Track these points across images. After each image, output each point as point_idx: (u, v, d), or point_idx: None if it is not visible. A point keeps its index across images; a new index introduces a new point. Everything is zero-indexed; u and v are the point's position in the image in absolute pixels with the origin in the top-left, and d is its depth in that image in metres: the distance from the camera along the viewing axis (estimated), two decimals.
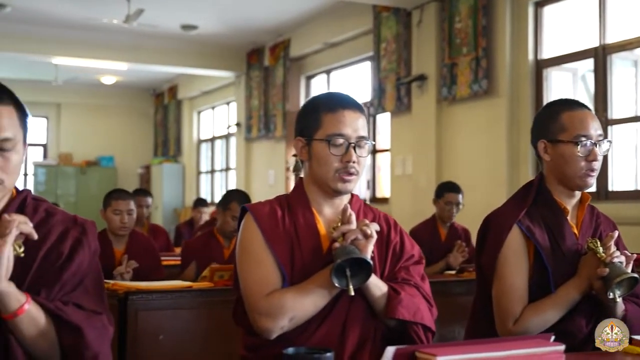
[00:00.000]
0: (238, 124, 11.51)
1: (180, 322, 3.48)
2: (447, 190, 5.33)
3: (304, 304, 1.95)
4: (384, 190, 8.63)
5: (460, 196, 5.27)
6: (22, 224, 1.61)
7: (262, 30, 10.00)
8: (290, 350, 1.55)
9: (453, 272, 4.46)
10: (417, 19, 7.57)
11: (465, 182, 5.68)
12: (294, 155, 4.30)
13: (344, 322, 2.00)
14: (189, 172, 13.83)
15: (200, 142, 13.81)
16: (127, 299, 3.27)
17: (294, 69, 10.11)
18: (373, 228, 1.97)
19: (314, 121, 2.08)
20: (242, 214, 2.11)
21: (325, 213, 2.11)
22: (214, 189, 13.08)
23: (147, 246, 4.48)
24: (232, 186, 11.96)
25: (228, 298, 3.58)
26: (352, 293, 1.87)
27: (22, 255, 1.62)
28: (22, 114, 1.74)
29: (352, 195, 2.16)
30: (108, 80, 13.32)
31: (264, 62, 10.63)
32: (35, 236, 1.64)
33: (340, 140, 2.04)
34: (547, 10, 6.50)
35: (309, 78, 10.28)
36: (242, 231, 2.07)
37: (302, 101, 10.22)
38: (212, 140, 13.31)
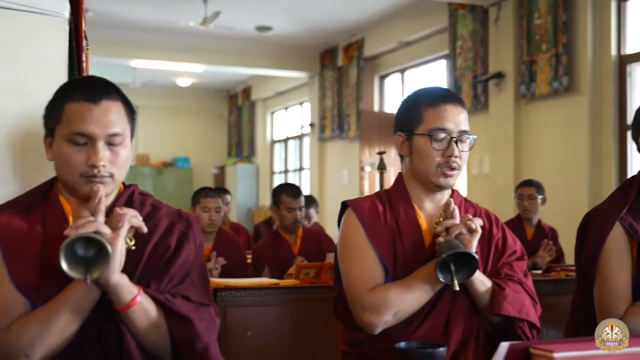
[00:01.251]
0: (311, 124, 11.56)
1: (267, 319, 3.51)
2: (520, 185, 5.45)
3: (407, 299, 1.94)
4: (460, 189, 8.53)
5: (532, 189, 5.29)
6: (133, 218, 1.64)
7: (335, 30, 10.02)
8: (402, 344, 1.55)
9: (539, 271, 4.37)
10: (494, 16, 7.47)
11: (546, 183, 5.57)
12: (380, 153, 4.32)
13: (447, 318, 1.99)
14: (263, 172, 13.95)
15: (273, 142, 13.93)
16: (216, 296, 3.32)
17: (368, 69, 10.09)
18: (477, 223, 1.95)
19: (415, 116, 2.07)
20: (343, 209, 2.11)
21: (426, 208, 2.10)
22: None
23: (233, 244, 4.53)
24: (306, 186, 12.01)
25: (313, 295, 3.62)
26: (457, 288, 1.86)
27: (133, 248, 1.66)
28: (130, 110, 1.79)
29: (453, 190, 2.14)
30: (184, 82, 13.55)
31: (338, 62, 10.65)
32: (145, 229, 1.67)
33: (442, 135, 2.02)
34: (631, 4, 6.33)
35: (382, 77, 10.24)
36: (343, 226, 2.08)
37: (376, 101, 10.20)
38: (286, 140, 13.40)
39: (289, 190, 4.83)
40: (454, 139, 2.02)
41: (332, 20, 9.59)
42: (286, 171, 13.33)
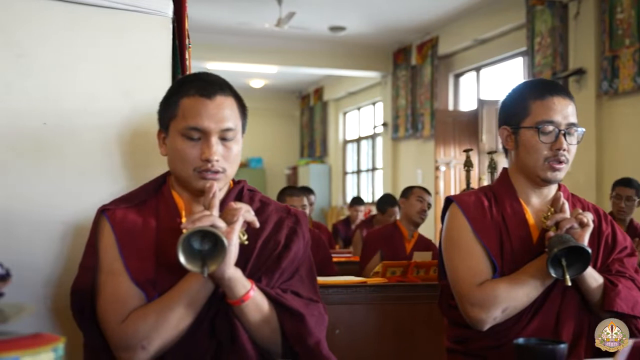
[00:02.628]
0: (384, 124, 11.52)
1: (355, 317, 3.51)
2: (617, 184, 5.29)
3: (517, 294, 1.91)
4: None
5: (632, 192, 5.12)
6: (246, 212, 1.65)
7: (409, 29, 9.96)
8: (521, 340, 1.51)
9: None
10: (574, 11, 7.31)
11: None
12: (466, 150, 4.27)
13: (557, 315, 1.95)
14: (335, 172, 13.97)
15: (345, 142, 13.93)
16: None
17: (442, 67, 10.01)
18: (589, 217, 1.90)
19: (521, 109, 2.03)
20: (447, 204, 2.09)
21: (533, 203, 2.06)
22: (360, 189, 13.14)
23: (319, 242, 4.56)
24: (379, 186, 11.98)
25: (400, 294, 3.60)
26: (569, 283, 1.82)
27: (246, 243, 1.67)
28: (241, 106, 1.80)
29: (560, 184, 2.09)
30: (257, 83, 13.68)
31: (411, 61, 10.58)
32: (257, 224, 1.68)
33: (550, 128, 1.98)
34: None
35: (457, 76, 10.14)
36: (448, 221, 2.05)
37: (451, 99, 10.10)
38: (358, 140, 13.38)
39: (421, 189, 5.11)
40: (562, 132, 1.98)
41: (406, 19, 9.53)
42: (358, 171, 13.31)
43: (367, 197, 12.25)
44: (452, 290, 2.03)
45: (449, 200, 2.09)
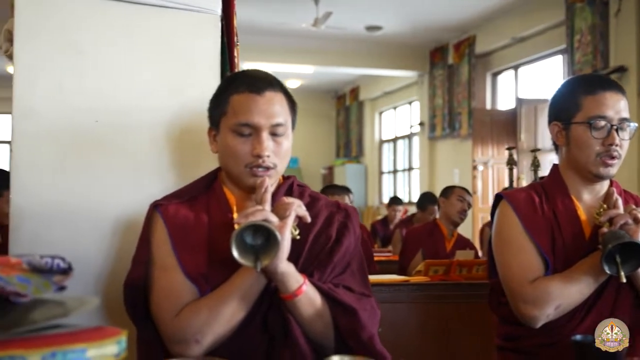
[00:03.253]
0: (421, 124, 11.48)
1: (398, 315, 3.50)
2: None
3: (570, 291, 1.89)
4: None
5: None
6: (298, 207, 1.66)
7: (446, 27, 9.91)
8: (578, 337, 1.49)
9: None
10: (615, 8, 7.22)
11: None
12: (509, 149, 4.24)
13: (611, 312, 1.92)
14: (371, 172, 13.95)
15: (382, 142, 13.90)
16: None
17: (480, 66, 9.94)
18: None
19: (572, 104, 2.01)
20: (497, 201, 2.07)
21: (585, 199, 2.04)
22: (396, 189, 13.11)
23: (360, 240, 4.56)
24: (416, 186, 11.93)
25: (443, 293, 3.59)
26: (624, 280, 1.79)
27: (298, 237, 1.68)
28: (291, 102, 1.81)
29: (612, 180, 2.07)
30: (293, 83, 13.70)
31: (448, 60, 10.53)
32: (309, 219, 1.68)
33: (602, 123, 1.96)
34: None
35: (495, 74, 10.06)
36: (498, 218, 2.04)
37: (489, 98, 10.02)
38: (394, 140, 13.35)
39: (462, 188, 5.21)
40: (615, 127, 1.95)
41: (443, 18, 9.49)
42: (395, 171, 13.28)
43: (403, 197, 12.21)
44: (503, 288, 2.01)
45: (499, 197, 2.07)
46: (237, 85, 1.74)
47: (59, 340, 1.04)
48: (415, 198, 11.69)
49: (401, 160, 13.13)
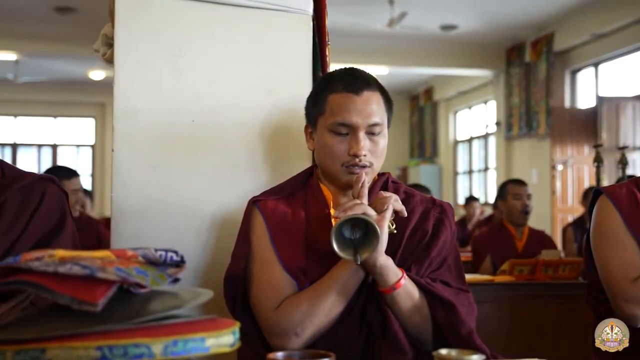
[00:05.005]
0: (497, 123, 11.32)
1: (483, 315, 3.45)
2: None
3: None
4: None
5: None
6: (395, 202, 1.67)
7: (522, 25, 9.74)
8: None
9: None
10: None
11: None
12: (596, 146, 4.15)
13: None
14: (446, 172, 13.83)
15: (456, 142, 13.77)
16: None
17: (558, 64, 9.74)
18: None
19: None
20: (595, 197, 2.04)
21: None
22: (472, 190, 12.96)
23: None
24: (492, 186, 11.78)
25: (529, 293, 3.53)
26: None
27: (395, 232, 1.69)
28: (387, 101, 1.82)
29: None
30: None
31: (525, 58, 10.35)
32: (405, 214, 1.70)
33: None
34: None
35: (574, 72, 9.85)
36: (598, 215, 2.00)
37: (568, 97, 9.82)
38: (469, 140, 13.21)
39: (515, 181, 5.02)
40: None
41: (519, 15, 9.33)
42: (470, 171, 13.14)
43: (479, 198, 12.06)
44: (602, 286, 1.97)
45: (597, 193, 2.03)
46: (334, 85, 1.77)
47: (180, 330, 1.08)
48: (491, 198, 11.56)
49: (476, 160, 12.97)
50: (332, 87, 1.77)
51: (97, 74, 11.94)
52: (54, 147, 14.32)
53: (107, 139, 13.91)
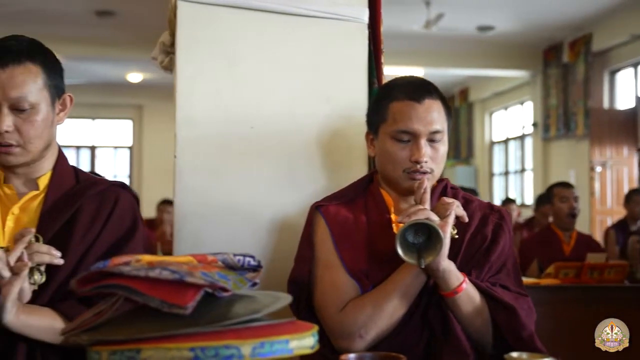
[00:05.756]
0: (534, 124, 11.26)
1: None
2: None
3: None
4: None
5: None
6: (457, 207, 1.71)
7: (560, 25, 9.68)
8: None
9: None
10: None
11: None
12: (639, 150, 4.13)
13: None
14: (482, 174, 13.77)
15: (492, 143, 13.71)
16: None
17: (597, 64, 9.66)
18: None
19: None
20: None
21: None
22: (508, 191, 12.91)
23: None
24: (529, 188, 11.72)
25: (575, 296, 3.54)
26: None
27: (456, 236, 1.73)
28: (447, 108, 1.86)
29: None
30: None
31: (563, 58, 10.28)
32: (467, 219, 1.73)
33: None
34: None
35: (613, 73, 9.76)
36: None
37: (606, 97, 9.74)
38: (506, 141, 13.14)
39: (563, 185, 4.99)
40: None
41: (557, 16, 9.27)
42: (507, 173, 13.07)
43: (516, 200, 12.00)
44: None
45: None
46: (396, 93, 1.81)
47: (266, 332, 1.13)
48: (528, 200, 11.50)
49: (513, 161, 12.91)
50: (394, 95, 1.81)
51: (134, 77, 12.10)
52: (92, 149, 14.52)
53: (144, 141, 14.09)
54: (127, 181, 14.14)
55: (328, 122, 2.19)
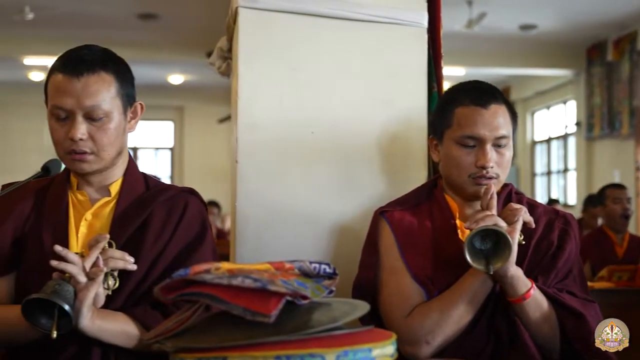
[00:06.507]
0: (577, 123, 11.12)
1: None
2: None
3: None
4: None
5: None
6: (524, 213, 1.70)
7: (604, 24, 9.55)
8: None
9: None
10: None
11: None
12: None
13: None
14: (524, 174, 13.64)
15: (534, 143, 13.58)
16: None
17: None
18: None
19: None
20: None
21: None
22: (550, 191, 12.77)
23: None
24: (572, 188, 11.59)
25: (628, 299, 3.50)
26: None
27: (523, 242, 1.72)
28: (512, 113, 1.85)
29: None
30: (443, 86, 13.60)
31: (607, 57, 10.14)
32: (534, 225, 1.73)
33: None
34: None
35: None
36: None
37: None
38: (548, 141, 13.00)
39: (614, 186, 4.97)
40: None
41: (601, 14, 9.15)
42: (549, 172, 12.93)
43: (559, 200, 11.87)
44: None
45: None
46: (462, 98, 1.81)
47: (348, 341, 1.14)
48: (571, 200, 11.36)
49: (555, 161, 12.76)
50: (459, 101, 1.81)
51: (176, 78, 12.22)
52: (134, 150, 14.68)
53: (185, 142, 14.21)
54: (167, 182, 14.26)
55: (387, 126, 2.20)
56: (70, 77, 1.62)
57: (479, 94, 1.81)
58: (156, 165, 14.64)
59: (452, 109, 1.82)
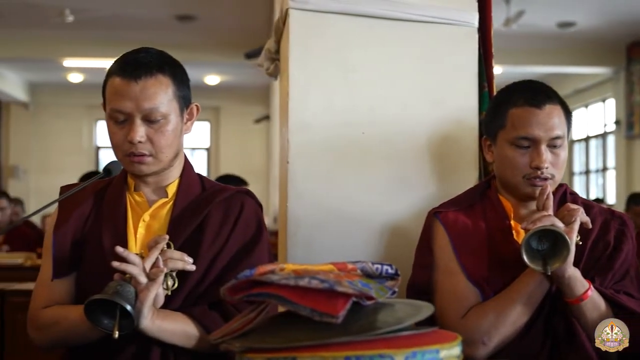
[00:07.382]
0: (617, 122, 10.98)
1: None
2: None
3: None
4: None
5: None
6: (581, 214, 1.68)
7: None
8: None
9: None
10: None
11: None
12: None
13: None
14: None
15: (572, 142, 13.43)
16: None
17: None
18: None
19: None
20: None
21: None
22: (589, 191, 12.62)
23: None
24: (611, 187, 11.45)
25: None
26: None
27: (580, 243, 1.71)
28: (567, 113, 1.84)
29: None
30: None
31: None
32: (590, 225, 1.71)
33: None
34: None
35: None
36: None
37: None
38: (586, 139, 12.86)
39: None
40: None
41: None
42: (587, 172, 12.79)
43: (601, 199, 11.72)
44: None
45: None
46: (515, 99, 1.80)
47: (416, 342, 1.14)
48: (610, 199, 11.22)
49: (594, 160, 12.61)
50: (513, 101, 1.80)
51: (212, 79, 12.30)
52: None
53: (221, 142, 14.29)
54: None
55: (438, 126, 2.19)
56: (128, 81, 1.64)
57: (532, 94, 1.79)
58: (193, 165, 14.71)
59: (505, 110, 1.81)
